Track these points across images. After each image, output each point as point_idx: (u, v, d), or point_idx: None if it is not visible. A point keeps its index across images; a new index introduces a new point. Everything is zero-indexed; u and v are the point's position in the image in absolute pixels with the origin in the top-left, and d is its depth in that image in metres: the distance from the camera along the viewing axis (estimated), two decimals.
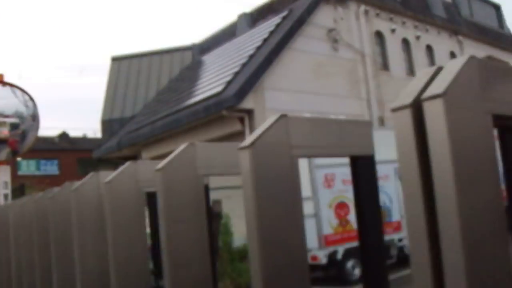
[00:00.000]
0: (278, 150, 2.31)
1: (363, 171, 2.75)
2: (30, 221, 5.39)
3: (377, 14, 22.43)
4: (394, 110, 1.77)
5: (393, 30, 22.97)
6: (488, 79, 1.80)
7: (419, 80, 1.80)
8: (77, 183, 3.83)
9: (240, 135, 15.84)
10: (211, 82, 18.68)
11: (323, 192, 11.57)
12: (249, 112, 16.16)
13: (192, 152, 2.93)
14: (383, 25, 22.76)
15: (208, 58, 24.72)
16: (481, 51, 27.49)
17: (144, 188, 3.47)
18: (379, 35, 22.51)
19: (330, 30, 19.75)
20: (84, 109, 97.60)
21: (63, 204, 4.23)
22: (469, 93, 1.72)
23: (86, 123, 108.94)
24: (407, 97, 1.75)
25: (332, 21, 20.10)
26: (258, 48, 18.27)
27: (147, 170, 3.40)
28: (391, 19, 23.08)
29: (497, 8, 35.12)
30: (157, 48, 28.63)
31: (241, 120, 16.19)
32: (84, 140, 44.54)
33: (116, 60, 27.83)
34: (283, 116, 2.37)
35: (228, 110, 15.71)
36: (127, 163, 3.51)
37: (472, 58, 1.78)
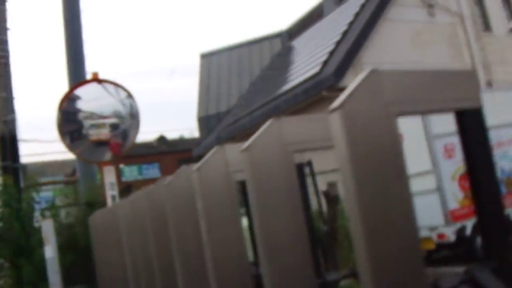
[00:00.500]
0: (372, 108, 2.09)
1: (471, 125, 2.54)
2: (143, 214, 5.05)
3: None
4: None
5: None
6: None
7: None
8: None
9: None
10: (306, 65, 18.06)
11: (445, 164, 10.64)
12: None
13: (278, 128, 2.68)
14: None
15: (298, 43, 24.11)
16: None
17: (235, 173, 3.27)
18: None
19: None
20: (177, 110, 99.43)
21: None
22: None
23: (181, 124, 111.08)
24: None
25: None
26: (351, 23, 17.47)
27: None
28: None
29: None
30: (244, 40, 28.28)
31: None
32: (181, 141, 44.94)
33: (205, 56, 27.77)
34: (374, 71, 2.17)
35: (328, 90, 15.01)
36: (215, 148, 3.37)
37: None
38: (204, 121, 24.82)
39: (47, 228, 10.56)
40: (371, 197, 1.99)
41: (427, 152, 10.44)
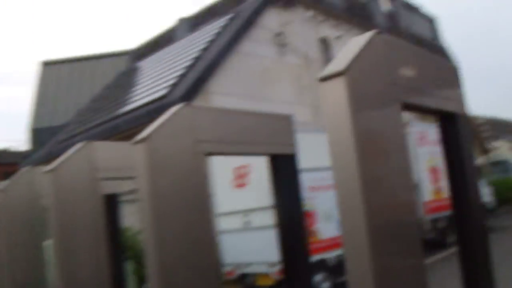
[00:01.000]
0: (181, 144, 2.02)
1: (284, 172, 2.54)
2: None
3: (323, 20, 21.83)
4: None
5: (338, 37, 22.42)
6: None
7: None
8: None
9: None
10: (152, 86, 17.45)
11: None
12: None
13: (88, 152, 2.51)
14: (329, 31, 22.18)
15: (145, 64, 23.45)
16: None
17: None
18: (324, 42, 21.90)
19: (277, 34, 18.94)
20: (5, 121, 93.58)
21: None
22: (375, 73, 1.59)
23: (8, 136, 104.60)
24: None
25: (279, 25, 19.30)
26: (204, 50, 17.21)
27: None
28: (336, 26, 22.55)
29: (432, 20, 35.43)
30: (89, 53, 27.08)
31: None
32: (7, 153, 42.08)
33: (46, 65, 26.20)
34: (187, 105, 2.08)
35: None
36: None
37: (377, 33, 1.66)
38: (37, 134, 23.24)
39: None
40: (169, 232, 1.91)
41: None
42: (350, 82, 1.51)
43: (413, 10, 32.83)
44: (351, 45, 1.74)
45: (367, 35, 1.74)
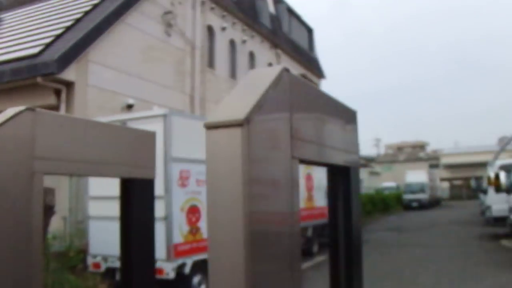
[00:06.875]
0: (13, 160, 1.56)
1: (139, 196, 2.15)
2: None
3: (212, 8, 20.92)
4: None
5: (223, 28, 21.69)
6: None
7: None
8: None
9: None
10: (21, 42, 15.41)
11: (177, 192, 9.38)
12: (69, 85, 13.49)
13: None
14: (216, 21, 21.33)
15: (10, 17, 21.05)
16: (294, 69, 27.35)
17: None
18: (210, 30, 20.97)
19: (166, 13, 17.74)
20: None
21: None
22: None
23: None
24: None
25: (169, 3, 18.07)
26: (87, 13, 15.53)
27: None
28: (223, 17, 21.78)
29: (310, 31, 35.71)
30: None
31: (57, 93, 13.43)
32: None
33: None
34: (29, 110, 1.61)
35: (45, 78, 12.84)
36: None
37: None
38: None
39: None
40: None
41: (162, 175, 9.05)
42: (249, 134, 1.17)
43: (294, 17, 32.84)
44: (252, 80, 1.33)
45: (273, 71, 1.29)
